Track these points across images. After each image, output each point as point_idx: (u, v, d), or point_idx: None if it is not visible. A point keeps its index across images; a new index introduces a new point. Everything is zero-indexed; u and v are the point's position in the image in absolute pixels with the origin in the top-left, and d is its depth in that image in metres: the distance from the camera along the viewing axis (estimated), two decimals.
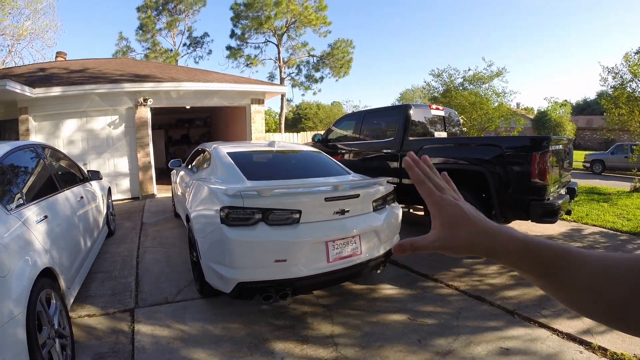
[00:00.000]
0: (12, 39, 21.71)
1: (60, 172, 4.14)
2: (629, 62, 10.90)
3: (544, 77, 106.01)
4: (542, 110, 35.06)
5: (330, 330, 3.15)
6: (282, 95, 27.23)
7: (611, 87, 11.66)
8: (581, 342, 2.88)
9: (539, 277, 0.53)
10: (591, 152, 20.57)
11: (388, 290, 3.97)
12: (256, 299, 3.23)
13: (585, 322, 3.14)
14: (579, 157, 18.05)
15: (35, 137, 8.88)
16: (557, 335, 3.00)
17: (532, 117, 35.58)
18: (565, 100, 37.04)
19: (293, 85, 31.65)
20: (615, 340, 2.87)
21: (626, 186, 11.02)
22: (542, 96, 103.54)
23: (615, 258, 0.50)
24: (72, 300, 3.18)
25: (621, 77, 11.22)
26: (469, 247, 0.55)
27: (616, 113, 11.21)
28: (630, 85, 11.09)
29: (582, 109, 46.47)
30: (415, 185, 0.60)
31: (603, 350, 2.77)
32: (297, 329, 3.17)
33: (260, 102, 11.33)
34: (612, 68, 11.45)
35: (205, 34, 32.82)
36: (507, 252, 0.53)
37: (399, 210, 4.03)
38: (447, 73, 17.81)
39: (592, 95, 48.35)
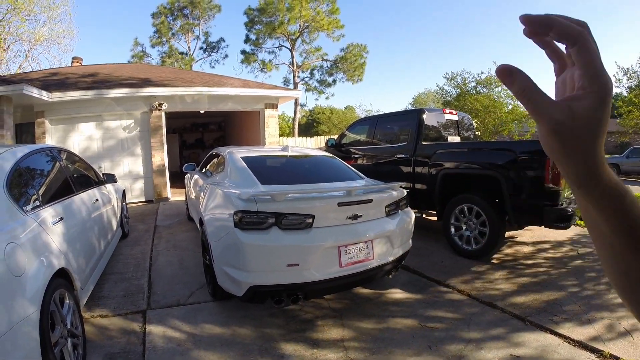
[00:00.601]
0: (29, 44, 22.26)
1: (76, 175, 4.21)
2: None
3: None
4: None
5: (340, 335, 3.14)
6: (296, 100, 27.36)
7: (627, 89, 11.48)
8: (593, 350, 2.82)
9: (618, 236, 0.43)
10: (606, 155, 20.10)
11: (399, 295, 3.94)
12: (268, 303, 3.24)
13: (596, 329, 3.08)
14: None
15: (51, 140, 9.07)
16: (569, 343, 2.94)
17: None
18: None
19: (306, 90, 31.71)
20: (627, 349, 2.81)
21: None
22: None
23: None
24: (85, 301, 3.23)
25: (638, 76, 11.03)
26: (589, 146, 0.43)
27: (632, 117, 11.02)
28: None
29: None
30: (564, 41, 0.43)
31: (615, 359, 2.71)
32: (307, 333, 3.16)
33: (274, 106, 11.40)
34: (628, 69, 11.27)
35: (221, 39, 33.22)
36: (608, 186, 0.43)
37: (411, 216, 4.00)
38: (460, 76, 17.76)
39: None
